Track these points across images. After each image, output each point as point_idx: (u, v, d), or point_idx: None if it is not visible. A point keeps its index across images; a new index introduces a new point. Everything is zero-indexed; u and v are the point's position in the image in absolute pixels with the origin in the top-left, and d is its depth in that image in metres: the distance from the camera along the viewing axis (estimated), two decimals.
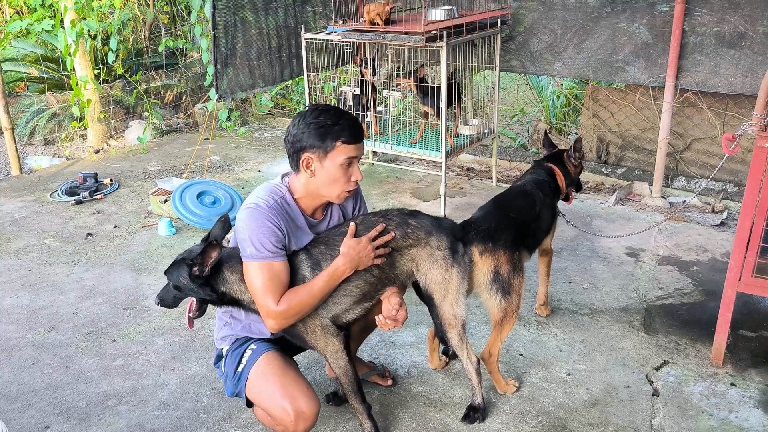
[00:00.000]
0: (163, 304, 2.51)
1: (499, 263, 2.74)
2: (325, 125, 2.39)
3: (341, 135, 2.39)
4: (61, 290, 3.96)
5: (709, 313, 3.49)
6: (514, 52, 5.35)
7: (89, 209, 5.17)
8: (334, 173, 2.42)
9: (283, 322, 2.40)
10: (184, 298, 2.50)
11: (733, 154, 2.92)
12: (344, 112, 2.48)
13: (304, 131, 2.41)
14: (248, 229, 2.35)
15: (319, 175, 2.43)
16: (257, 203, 2.39)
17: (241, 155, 6.45)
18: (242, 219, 2.39)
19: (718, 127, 5.12)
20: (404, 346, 3.33)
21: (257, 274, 2.35)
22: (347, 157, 2.41)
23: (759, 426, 2.72)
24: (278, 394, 2.43)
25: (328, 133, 2.38)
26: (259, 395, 2.50)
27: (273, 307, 2.36)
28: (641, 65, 4.92)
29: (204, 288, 2.41)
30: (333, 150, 2.40)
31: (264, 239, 2.34)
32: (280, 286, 2.37)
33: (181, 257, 2.45)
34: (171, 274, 2.45)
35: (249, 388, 2.53)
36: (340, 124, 2.40)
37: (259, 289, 2.35)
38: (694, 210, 4.94)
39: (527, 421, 2.78)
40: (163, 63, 8.03)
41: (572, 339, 3.37)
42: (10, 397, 3.00)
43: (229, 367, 2.60)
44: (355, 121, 2.47)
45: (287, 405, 2.41)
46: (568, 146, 3.50)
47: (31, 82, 7.67)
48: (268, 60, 5.37)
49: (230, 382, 2.60)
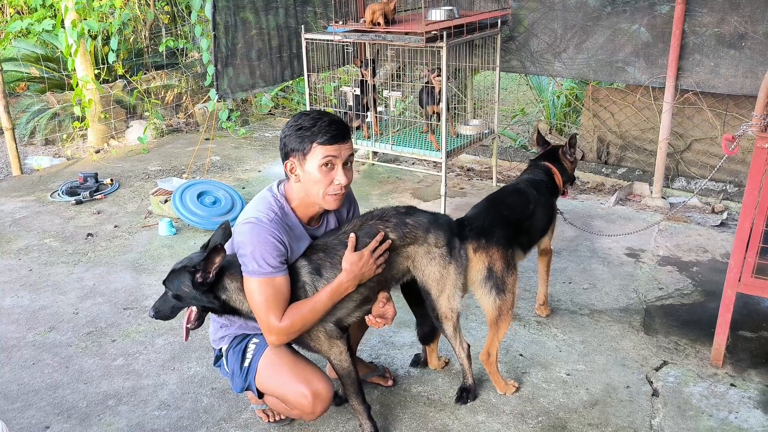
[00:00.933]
0: (158, 317, 2.47)
1: (492, 260, 2.75)
2: (302, 127, 2.39)
3: (317, 137, 2.37)
4: (61, 290, 3.96)
5: (708, 314, 3.49)
6: (515, 52, 5.35)
7: (89, 209, 5.18)
8: (314, 175, 2.40)
9: (284, 338, 2.42)
10: (183, 308, 2.47)
11: (733, 154, 2.92)
12: (325, 114, 2.44)
13: (286, 136, 2.42)
14: (250, 245, 2.34)
15: (302, 179, 2.43)
16: (257, 217, 2.38)
17: (241, 155, 6.45)
18: (243, 233, 2.37)
19: (718, 127, 5.12)
20: (404, 346, 3.33)
21: (259, 290, 2.34)
22: (324, 157, 2.38)
23: (758, 426, 2.72)
24: (293, 379, 2.47)
25: (305, 135, 2.38)
26: (273, 384, 2.53)
27: (276, 324, 2.36)
28: (641, 65, 4.92)
29: (207, 295, 2.39)
30: (310, 152, 2.38)
31: (267, 255, 2.33)
32: (282, 302, 2.37)
33: (181, 265, 2.42)
34: (171, 282, 2.41)
35: (260, 379, 2.55)
36: (317, 126, 2.38)
37: (260, 304, 2.35)
38: (694, 210, 4.94)
39: (527, 422, 2.78)
40: (163, 63, 8.03)
41: (572, 339, 3.37)
42: (10, 397, 3.00)
43: (234, 364, 2.61)
44: (336, 123, 2.42)
45: (304, 389, 2.45)
46: (564, 143, 3.52)
47: (32, 82, 7.68)
48: (268, 60, 5.37)
49: (237, 378, 2.61)
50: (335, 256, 2.46)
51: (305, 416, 2.55)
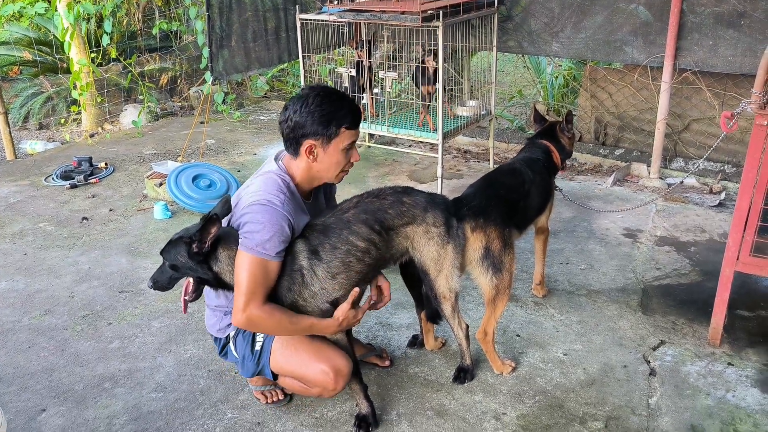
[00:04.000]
0: (156, 287, 2.47)
1: (489, 239, 2.74)
2: (329, 112, 2.39)
3: (345, 121, 2.41)
4: (56, 274, 3.94)
5: (706, 293, 3.48)
6: (512, 32, 5.30)
7: (84, 193, 5.14)
8: (337, 158, 2.47)
9: (250, 323, 2.38)
10: (180, 278, 2.48)
11: (731, 132, 2.90)
12: (345, 96, 2.49)
13: (306, 118, 2.40)
14: (260, 224, 2.32)
15: (321, 160, 2.46)
16: (270, 200, 2.36)
17: (236, 138, 6.41)
18: (255, 212, 2.34)
19: (716, 107, 5.09)
20: (401, 327, 3.32)
21: (250, 268, 2.31)
22: (350, 141, 2.46)
23: (755, 404, 2.72)
24: (312, 358, 2.50)
25: (332, 119, 2.39)
26: (290, 364, 2.54)
27: (255, 306, 2.33)
28: (640, 45, 4.87)
29: (203, 266, 2.39)
30: (337, 136, 2.42)
31: (275, 239, 2.32)
32: (267, 287, 2.36)
33: (178, 236, 2.42)
34: (168, 253, 2.42)
35: (276, 360, 2.56)
36: (344, 110, 2.41)
37: (246, 281, 2.32)
38: (692, 191, 4.92)
39: (524, 401, 2.78)
40: (157, 46, 7.96)
41: (569, 319, 3.36)
42: (6, 381, 2.99)
43: (244, 349, 2.61)
44: (356, 105, 2.49)
45: (325, 366, 2.48)
46: (560, 119, 3.50)
47: (25, 65, 7.61)
48: (264, 42, 5.32)
49: (249, 362, 2.61)
50: (333, 237, 2.45)
51: (326, 393, 2.56)
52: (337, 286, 2.46)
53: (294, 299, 2.43)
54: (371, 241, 2.48)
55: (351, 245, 2.44)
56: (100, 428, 2.68)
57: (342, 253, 2.43)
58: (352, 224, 2.47)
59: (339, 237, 2.45)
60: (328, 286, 2.44)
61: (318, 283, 2.43)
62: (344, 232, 2.45)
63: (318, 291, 2.44)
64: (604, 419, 2.66)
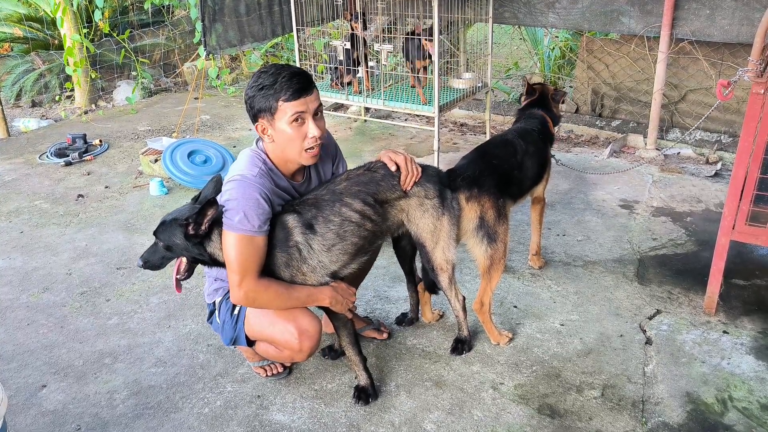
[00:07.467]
0: (147, 266, 2.45)
1: (484, 209, 2.75)
2: (264, 86, 2.33)
3: (280, 93, 2.32)
4: (53, 251, 3.94)
5: (702, 263, 3.50)
6: (508, 3, 5.24)
7: (79, 170, 5.12)
8: (287, 133, 2.36)
9: (247, 300, 2.39)
10: (173, 258, 2.47)
11: (727, 100, 2.89)
12: (285, 68, 2.37)
13: (250, 97, 2.38)
14: (235, 201, 2.31)
15: (276, 138, 2.40)
16: (242, 174, 2.36)
17: (231, 114, 6.37)
18: (229, 190, 2.35)
19: (713, 77, 5.06)
20: (399, 300, 3.34)
21: (238, 246, 2.31)
22: (293, 114, 2.34)
23: (750, 372, 2.75)
24: (279, 319, 2.48)
25: (268, 94, 2.33)
26: (260, 326, 2.53)
27: (251, 281, 2.33)
28: (636, 15, 4.83)
29: (198, 247, 2.39)
30: (278, 111, 2.34)
31: (251, 213, 2.30)
32: (258, 262, 2.35)
33: (171, 217, 2.41)
34: (162, 233, 2.40)
35: (248, 323, 2.56)
36: (279, 83, 2.32)
37: (237, 260, 2.32)
38: (688, 161, 4.92)
39: (521, 371, 2.80)
40: (149, 21, 7.86)
41: (566, 290, 3.38)
42: (6, 358, 3.00)
43: (225, 314, 2.62)
44: (297, 76, 2.35)
45: (290, 326, 2.46)
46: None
47: (16, 42, 7.52)
48: (257, 15, 5.25)
49: (228, 326, 2.62)
50: (326, 210, 2.44)
51: (295, 356, 2.55)
52: (335, 258, 2.47)
53: (293, 274, 2.44)
54: (364, 214, 2.48)
55: (344, 217, 2.44)
56: (101, 403, 2.70)
57: (336, 225, 2.43)
58: (345, 196, 2.47)
59: (332, 209, 2.44)
60: (325, 259, 2.44)
61: (315, 257, 2.43)
62: (337, 204, 2.45)
63: (316, 265, 2.44)
64: (600, 388, 2.69)
